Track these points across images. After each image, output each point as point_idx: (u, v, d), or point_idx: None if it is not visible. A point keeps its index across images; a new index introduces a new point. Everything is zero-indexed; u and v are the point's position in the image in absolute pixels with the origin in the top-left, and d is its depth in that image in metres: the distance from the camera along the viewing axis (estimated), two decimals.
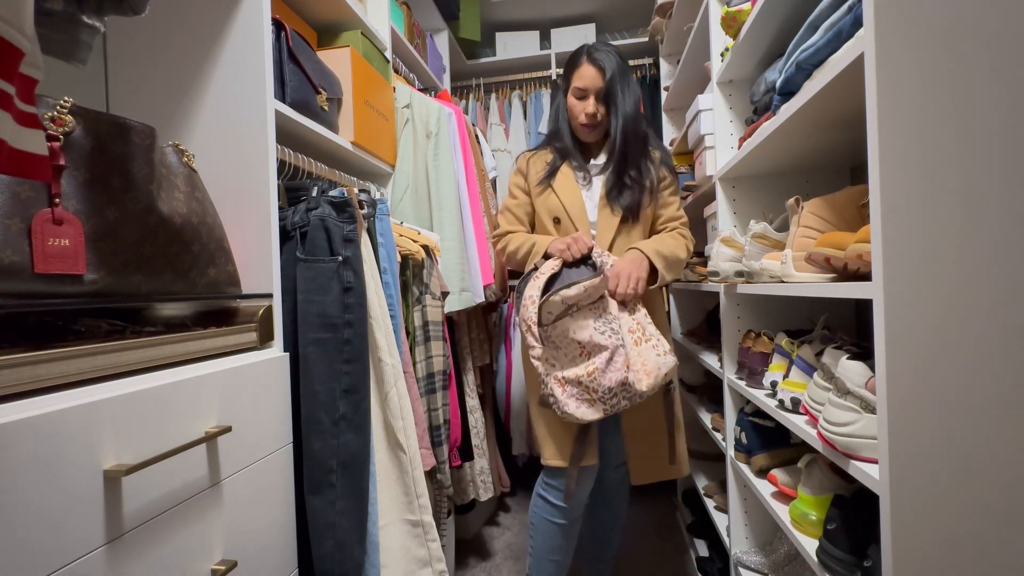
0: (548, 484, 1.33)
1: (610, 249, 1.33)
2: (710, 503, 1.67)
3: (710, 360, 1.58)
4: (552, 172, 1.41)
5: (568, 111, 1.39)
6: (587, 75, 1.33)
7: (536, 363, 1.20)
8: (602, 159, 1.41)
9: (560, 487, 1.30)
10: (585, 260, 1.25)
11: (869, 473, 0.69)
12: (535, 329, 1.18)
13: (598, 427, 1.33)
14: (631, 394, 1.17)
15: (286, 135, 1.14)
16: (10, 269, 0.56)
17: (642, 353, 1.17)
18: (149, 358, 0.70)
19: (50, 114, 0.61)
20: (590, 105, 1.34)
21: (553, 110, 1.48)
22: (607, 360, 1.16)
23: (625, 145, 1.33)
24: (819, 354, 0.96)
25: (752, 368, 1.21)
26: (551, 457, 1.30)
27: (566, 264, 1.24)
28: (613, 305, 1.22)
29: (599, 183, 1.39)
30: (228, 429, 0.76)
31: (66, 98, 0.63)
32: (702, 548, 1.74)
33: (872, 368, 0.72)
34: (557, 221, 1.39)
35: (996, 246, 0.61)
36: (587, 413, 1.18)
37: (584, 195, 1.39)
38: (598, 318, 1.20)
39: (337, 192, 1.06)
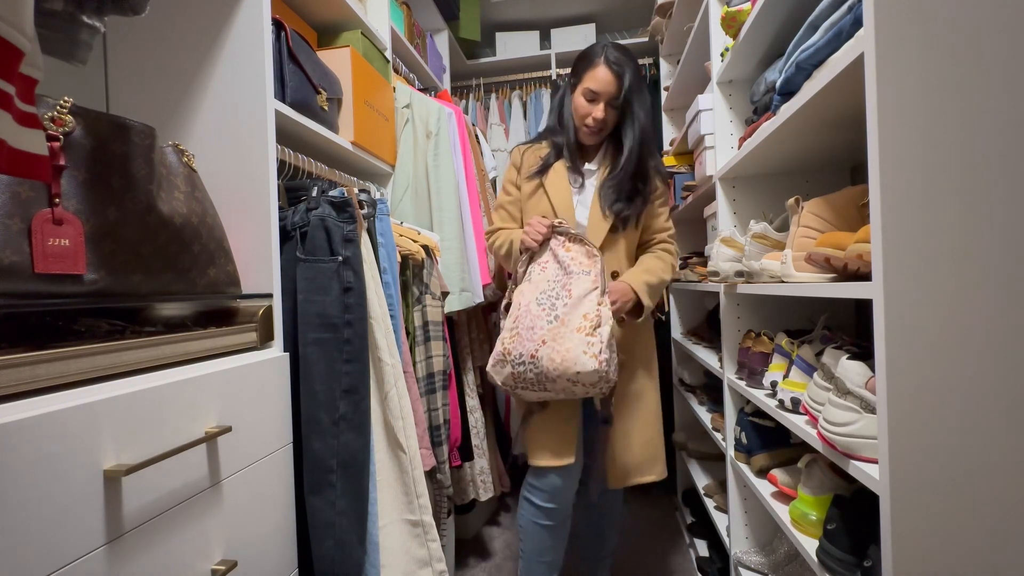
0: (533, 486, 1.33)
1: None
2: (710, 503, 1.67)
3: (710, 360, 1.58)
4: (544, 168, 1.38)
5: (574, 110, 1.34)
6: (602, 78, 1.27)
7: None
8: (596, 164, 1.39)
9: (545, 488, 1.30)
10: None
11: (869, 473, 0.69)
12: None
13: (583, 424, 1.33)
14: (537, 370, 1.15)
15: (286, 135, 1.14)
16: (10, 269, 0.56)
17: (572, 340, 1.14)
18: (149, 358, 0.70)
19: (50, 114, 0.61)
20: (599, 110, 1.29)
21: (556, 104, 1.43)
22: (529, 327, 1.17)
23: (639, 158, 1.32)
24: (819, 354, 0.96)
25: (752, 368, 1.21)
26: (536, 458, 1.30)
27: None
28: (579, 287, 1.19)
29: (591, 187, 1.37)
30: (228, 429, 0.76)
31: (66, 98, 0.63)
32: (702, 548, 1.74)
33: (872, 368, 0.72)
34: None
35: (996, 246, 0.61)
36: (499, 375, 1.22)
37: (575, 198, 1.37)
38: (550, 291, 1.21)
39: (337, 192, 1.06)
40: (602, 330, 1.15)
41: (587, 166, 1.40)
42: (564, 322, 1.16)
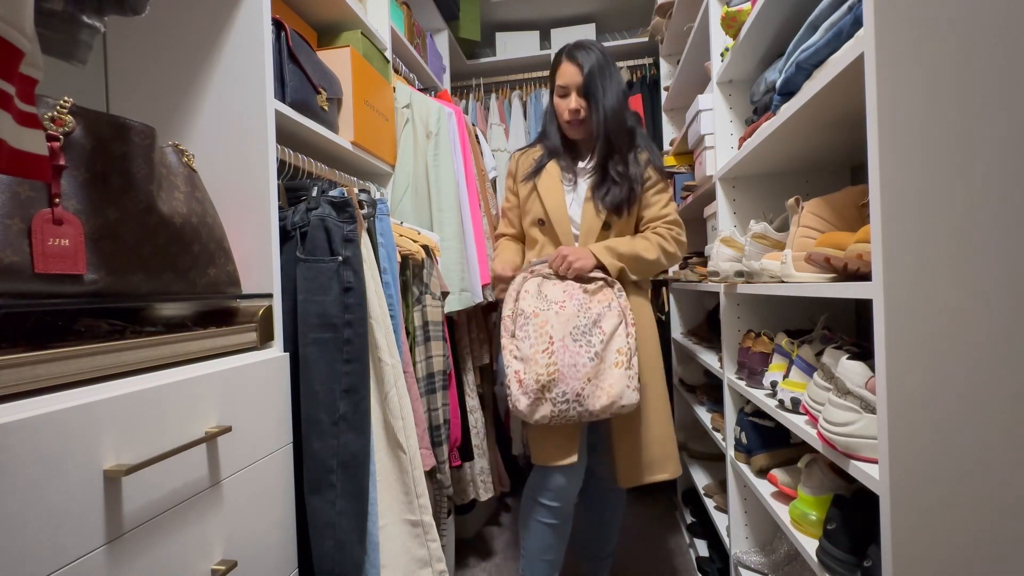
0: (538, 485, 1.32)
1: None
2: (710, 503, 1.67)
3: (710, 360, 1.58)
4: (538, 169, 1.42)
5: (554, 111, 1.41)
6: (566, 72, 1.35)
7: (504, 344, 1.23)
8: (589, 161, 1.40)
9: (550, 487, 1.30)
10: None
11: (869, 473, 0.69)
12: (509, 312, 1.22)
13: (587, 424, 1.33)
14: (582, 408, 1.17)
15: (286, 135, 1.14)
16: (10, 269, 0.56)
17: (614, 376, 1.18)
18: (149, 358, 0.70)
19: (50, 114, 0.61)
20: (572, 101, 1.35)
21: (544, 112, 1.50)
22: (571, 364, 1.16)
23: (608, 138, 1.33)
24: (819, 354, 0.96)
25: (752, 368, 1.21)
26: (540, 458, 1.30)
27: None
28: (609, 323, 1.21)
29: (585, 185, 1.38)
30: (228, 429, 0.76)
31: (66, 98, 0.63)
32: (702, 548, 1.74)
33: (872, 368, 0.72)
34: (541, 223, 1.40)
35: (996, 246, 0.61)
36: (535, 412, 1.18)
37: (568, 196, 1.39)
38: (582, 326, 1.20)
39: (337, 192, 1.06)
40: (634, 360, 1.21)
41: (580, 164, 1.42)
42: (603, 359, 1.19)
